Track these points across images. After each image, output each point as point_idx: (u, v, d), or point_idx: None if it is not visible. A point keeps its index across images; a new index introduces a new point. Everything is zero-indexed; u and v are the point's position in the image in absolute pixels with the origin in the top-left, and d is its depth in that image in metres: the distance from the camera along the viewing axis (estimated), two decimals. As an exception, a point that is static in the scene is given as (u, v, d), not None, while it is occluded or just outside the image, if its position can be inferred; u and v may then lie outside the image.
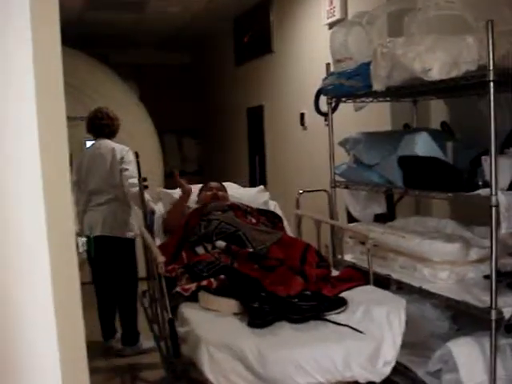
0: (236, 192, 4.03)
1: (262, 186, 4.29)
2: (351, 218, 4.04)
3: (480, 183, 2.75)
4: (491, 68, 2.40)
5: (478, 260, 2.98)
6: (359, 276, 2.97)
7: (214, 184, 3.91)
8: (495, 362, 2.56)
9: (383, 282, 3.19)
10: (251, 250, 2.99)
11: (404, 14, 3.15)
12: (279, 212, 3.87)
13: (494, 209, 2.49)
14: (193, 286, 2.68)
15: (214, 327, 2.42)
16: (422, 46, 2.61)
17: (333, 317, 2.49)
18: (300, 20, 5.66)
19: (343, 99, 3.63)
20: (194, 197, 3.86)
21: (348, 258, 3.64)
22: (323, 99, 3.98)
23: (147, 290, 3.81)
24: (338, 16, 4.70)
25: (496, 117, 2.46)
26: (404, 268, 3.18)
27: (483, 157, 2.66)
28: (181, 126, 8.90)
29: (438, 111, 3.93)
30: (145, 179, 3.85)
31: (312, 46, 5.39)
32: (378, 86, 2.96)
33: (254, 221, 3.40)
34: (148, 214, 3.79)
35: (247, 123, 7.27)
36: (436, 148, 2.89)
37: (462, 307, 2.74)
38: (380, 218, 3.85)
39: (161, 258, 2.63)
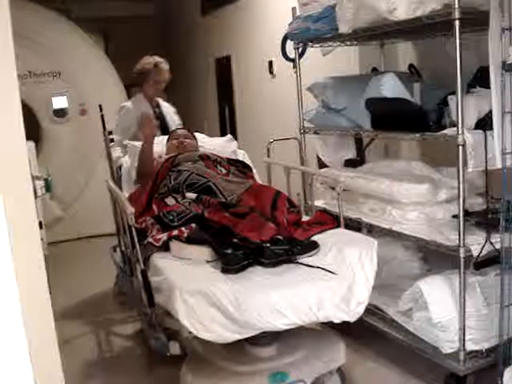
0: (204, 142, 3.95)
1: (230, 136, 4.22)
2: (321, 165, 4.05)
3: (447, 123, 2.77)
4: (456, 6, 2.38)
5: (446, 200, 3.01)
6: (330, 219, 2.97)
7: (180, 132, 3.82)
8: (464, 299, 2.62)
9: (354, 226, 3.23)
10: (222, 200, 2.96)
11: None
12: (248, 161, 3.82)
13: (460, 148, 2.51)
14: (164, 236, 2.66)
15: (187, 275, 2.40)
16: (387, -15, 2.57)
17: (305, 260, 2.50)
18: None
19: (310, 44, 3.59)
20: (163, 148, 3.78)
21: (319, 203, 3.66)
22: (290, 45, 3.93)
23: (118, 244, 3.82)
24: (303, -41, 4.59)
25: (462, 57, 2.46)
26: (374, 211, 3.21)
27: (449, 96, 2.67)
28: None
29: (405, 54, 3.91)
30: (110, 132, 3.82)
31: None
32: (344, 29, 2.93)
33: (224, 171, 3.36)
34: (115, 168, 3.76)
35: (215, 73, 7.18)
36: (403, 89, 2.89)
37: (431, 246, 2.79)
38: (350, 163, 3.86)
39: (130, 209, 2.62)
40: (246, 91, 6.40)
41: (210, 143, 3.95)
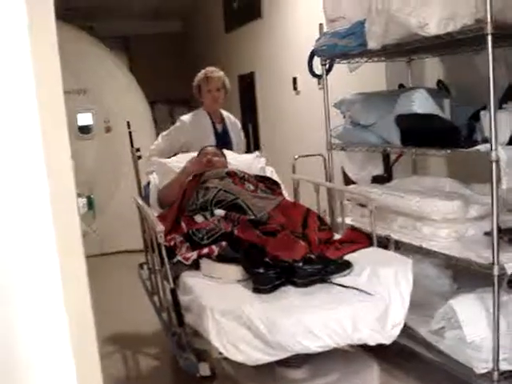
0: (232, 159, 3.85)
1: (257, 152, 4.17)
2: (348, 181, 4.02)
3: (479, 139, 2.73)
4: (489, 21, 2.35)
5: (477, 217, 2.96)
6: (362, 238, 2.93)
7: (210, 149, 3.72)
8: (498, 317, 2.57)
9: (384, 243, 3.19)
10: (252, 217, 2.91)
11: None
12: (276, 178, 3.76)
13: (494, 164, 2.47)
14: (194, 254, 2.63)
15: (218, 294, 2.36)
16: (418, 0, 2.55)
17: (339, 280, 2.44)
18: (289, -17, 5.55)
19: (337, 60, 3.58)
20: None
21: (347, 220, 3.62)
22: (317, 61, 3.92)
23: (145, 262, 3.74)
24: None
25: (494, 71, 2.43)
26: (404, 228, 3.17)
27: (482, 112, 2.63)
28: (172, 96, 8.80)
29: (432, 70, 3.88)
30: (138, 149, 3.82)
31: (302, 8, 5.31)
32: (373, 44, 2.91)
33: (252, 187, 3.31)
34: (144, 185, 3.75)
35: (239, 90, 7.20)
36: (434, 105, 2.86)
37: (463, 264, 2.74)
38: (378, 180, 3.83)
39: (160, 227, 2.58)
40: (269, 108, 6.40)
41: (238, 160, 3.89)
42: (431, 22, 2.54)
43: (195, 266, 2.63)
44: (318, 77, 3.69)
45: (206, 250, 2.61)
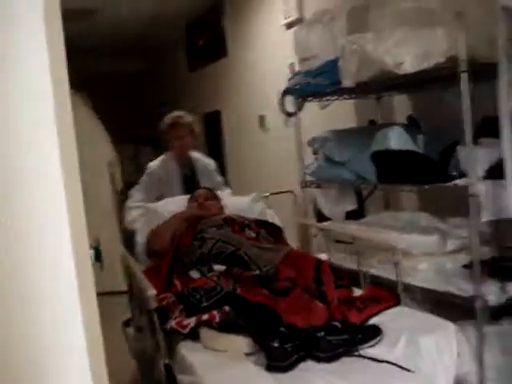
0: (228, 201, 3.61)
1: (255, 194, 3.93)
2: (320, 217, 4.03)
3: (455, 173, 2.77)
4: (463, 59, 2.42)
5: (455, 250, 3.00)
6: (387, 295, 2.63)
7: (201, 191, 3.49)
8: (482, 350, 2.58)
9: (356, 279, 3.17)
10: (257, 271, 2.58)
11: (363, 10, 3.17)
12: (278, 222, 3.53)
13: (473, 198, 2.51)
14: (192, 322, 2.25)
15: (225, 376, 2.00)
16: (392, 40, 2.61)
17: (369, 352, 2.09)
18: (255, 22, 5.65)
19: (309, 98, 3.62)
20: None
21: (323, 257, 3.61)
22: (289, 100, 3.96)
23: (131, 318, 3.27)
24: (294, 16, 4.71)
25: (465, 106, 2.48)
26: (382, 263, 3.18)
27: (458, 147, 2.68)
28: (138, 136, 8.76)
29: (401, 106, 3.96)
30: (122, 191, 3.73)
31: (269, 47, 5.38)
32: (347, 83, 2.96)
33: (253, 235, 3.01)
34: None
35: (204, 129, 7.21)
36: (410, 141, 2.90)
37: (444, 298, 2.76)
38: (351, 215, 3.85)
39: (151, 291, 2.21)
40: (237, 146, 6.43)
41: (235, 203, 3.65)
42: (406, 61, 2.59)
43: (193, 332, 2.27)
44: (291, 115, 3.72)
45: (205, 317, 2.24)
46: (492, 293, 2.58)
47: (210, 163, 4.32)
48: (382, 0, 2.93)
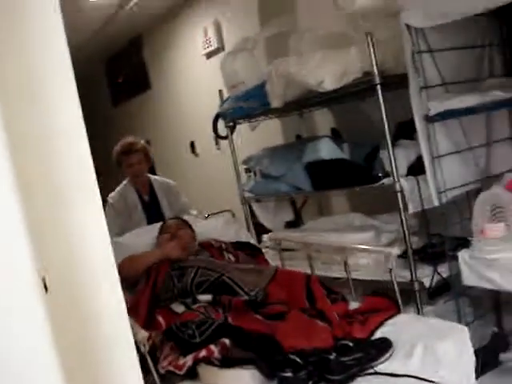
0: (199, 227, 3.37)
1: (228, 214, 3.86)
2: (259, 230, 4.25)
3: (380, 174, 3.09)
4: (376, 73, 2.75)
5: (388, 243, 3.32)
6: (387, 303, 2.48)
7: (171, 222, 3.25)
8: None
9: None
10: (245, 297, 2.42)
11: (281, 37, 3.50)
12: (254, 242, 3.44)
13: (399, 194, 2.84)
14: (188, 361, 2.04)
15: None
16: (313, 62, 2.92)
17: (381, 367, 1.95)
18: (175, 53, 5.89)
19: (239, 121, 3.90)
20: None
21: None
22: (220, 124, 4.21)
23: None
24: (214, 46, 4.98)
25: (382, 115, 2.80)
26: (326, 264, 3.45)
27: (381, 151, 3.01)
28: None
29: (323, 120, 4.29)
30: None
31: (191, 77, 5.64)
32: (276, 104, 3.24)
33: (233, 259, 2.86)
34: None
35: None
36: (338, 150, 3.22)
37: (387, 286, 3.05)
38: (290, 225, 4.14)
39: (142, 334, 2.02)
40: (169, 172, 6.60)
41: (207, 227, 3.46)
42: (326, 80, 2.90)
43: (191, 372, 2.05)
44: (223, 138, 3.97)
45: (203, 353, 2.01)
46: (427, 276, 2.91)
47: (173, 184, 4.25)
48: (298, 28, 3.25)
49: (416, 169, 2.91)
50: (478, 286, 2.63)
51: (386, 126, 2.81)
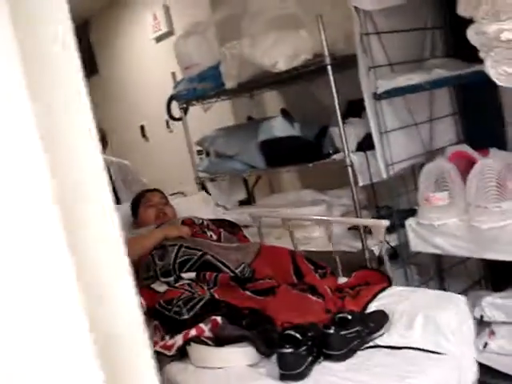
0: (177, 203, 3.30)
1: (204, 192, 3.85)
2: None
3: (330, 151, 3.26)
4: (327, 54, 2.90)
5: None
6: (378, 276, 2.45)
7: (155, 197, 3.08)
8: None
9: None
10: (231, 274, 2.35)
11: (232, 20, 3.60)
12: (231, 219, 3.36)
13: (350, 168, 3.01)
14: (178, 340, 1.96)
15: None
16: (266, 43, 3.05)
17: (384, 340, 1.92)
18: (123, 38, 5.90)
19: (193, 102, 4.00)
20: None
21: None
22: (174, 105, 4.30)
23: None
24: (164, 29, 5.03)
25: (332, 94, 2.95)
26: (279, 238, 3.61)
27: (331, 128, 3.17)
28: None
29: (272, 101, 4.43)
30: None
31: (140, 61, 5.67)
32: (230, 84, 3.36)
33: (214, 237, 2.76)
34: None
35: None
36: (291, 128, 3.36)
37: (340, 256, 3.24)
38: (243, 203, 4.28)
39: None
40: (121, 157, 6.63)
41: (184, 205, 3.39)
42: (280, 61, 3.03)
43: (181, 352, 1.98)
44: (178, 120, 4.06)
45: (193, 332, 1.93)
46: (376, 245, 3.09)
47: (128, 165, 4.25)
48: (248, 10, 3.37)
49: (364, 145, 3.09)
50: (424, 251, 2.83)
51: (337, 104, 2.96)
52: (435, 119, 3.12)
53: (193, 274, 2.35)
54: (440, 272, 3.33)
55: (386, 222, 2.58)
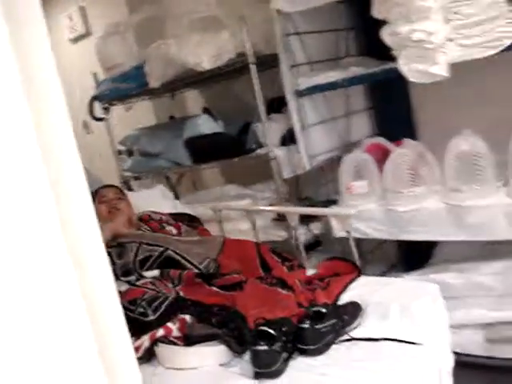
0: (134, 197, 3.17)
1: (161, 186, 3.77)
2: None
3: (254, 147, 3.41)
4: (250, 53, 3.04)
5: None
6: (347, 267, 2.37)
7: (108, 191, 2.96)
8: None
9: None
10: (195, 270, 2.26)
11: (153, 21, 3.69)
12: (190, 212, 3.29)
13: (273, 162, 3.17)
14: (145, 341, 1.85)
15: None
16: (191, 43, 3.15)
17: (358, 332, 1.85)
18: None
19: (114, 102, 4.04)
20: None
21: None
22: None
23: None
24: (80, 31, 5.02)
25: (255, 92, 3.09)
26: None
27: (255, 124, 3.32)
28: None
29: (194, 101, 4.54)
30: None
31: (57, 61, 5.59)
32: (155, 84, 3.44)
33: (174, 231, 2.70)
34: None
35: None
36: (215, 126, 3.49)
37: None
38: (168, 201, 4.35)
39: None
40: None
41: (142, 199, 3.29)
42: (204, 60, 3.15)
43: (149, 354, 1.88)
44: (100, 120, 4.08)
45: (161, 332, 1.85)
46: (301, 234, 3.27)
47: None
48: (172, 12, 3.46)
49: (287, 140, 3.26)
50: (346, 236, 3.03)
51: (260, 101, 3.11)
52: (351, 114, 3.34)
53: (156, 272, 2.26)
54: (360, 256, 3.55)
55: (353, 211, 2.67)
